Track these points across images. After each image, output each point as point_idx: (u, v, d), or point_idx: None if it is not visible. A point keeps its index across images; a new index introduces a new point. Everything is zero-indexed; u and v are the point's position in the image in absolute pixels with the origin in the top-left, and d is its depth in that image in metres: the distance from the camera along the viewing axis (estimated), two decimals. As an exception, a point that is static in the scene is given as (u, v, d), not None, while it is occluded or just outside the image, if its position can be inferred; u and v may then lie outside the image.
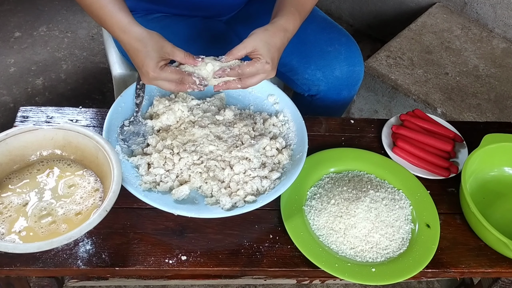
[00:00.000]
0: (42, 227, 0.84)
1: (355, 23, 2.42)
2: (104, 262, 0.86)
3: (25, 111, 1.06)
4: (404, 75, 1.77)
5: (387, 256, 0.92)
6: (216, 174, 0.94)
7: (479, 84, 1.77)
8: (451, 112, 1.66)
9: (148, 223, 0.92)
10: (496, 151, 1.05)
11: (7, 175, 0.90)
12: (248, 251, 0.91)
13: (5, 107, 1.91)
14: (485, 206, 1.02)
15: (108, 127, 0.96)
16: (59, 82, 2.03)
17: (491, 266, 0.94)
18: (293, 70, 1.24)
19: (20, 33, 2.20)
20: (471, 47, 1.91)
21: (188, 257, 0.89)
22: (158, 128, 1.01)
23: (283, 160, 0.98)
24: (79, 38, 2.22)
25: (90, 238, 0.89)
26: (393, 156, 1.08)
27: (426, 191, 1.02)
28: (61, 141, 0.92)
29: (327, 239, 0.93)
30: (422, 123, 1.13)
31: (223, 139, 0.98)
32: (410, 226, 0.97)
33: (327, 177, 1.03)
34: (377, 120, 1.17)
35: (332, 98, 1.26)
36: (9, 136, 0.89)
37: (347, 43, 1.24)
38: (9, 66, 2.06)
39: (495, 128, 1.19)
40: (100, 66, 2.11)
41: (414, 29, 1.95)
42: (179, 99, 1.05)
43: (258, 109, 1.09)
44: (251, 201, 0.90)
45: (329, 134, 1.13)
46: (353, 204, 0.94)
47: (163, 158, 0.95)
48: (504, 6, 1.92)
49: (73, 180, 0.91)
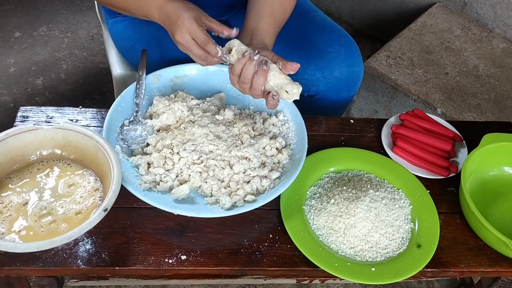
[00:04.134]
0: (42, 227, 0.84)
1: (355, 23, 2.43)
2: (104, 262, 0.86)
3: (25, 111, 1.06)
4: (404, 75, 1.77)
5: (386, 256, 0.92)
6: (215, 173, 0.94)
7: (479, 84, 1.77)
8: (451, 112, 1.66)
9: (148, 223, 0.92)
10: (495, 151, 1.05)
11: (7, 174, 0.90)
12: (248, 250, 0.91)
13: (5, 107, 1.91)
14: (484, 206, 1.02)
15: (108, 127, 0.96)
16: (59, 82, 2.03)
17: (491, 266, 0.94)
18: (292, 70, 1.24)
19: (20, 33, 2.20)
20: (471, 47, 1.91)
21: (188, 257, 0.89)
22: (158, 127, 1.01)
23: (283, 159, 0.98)
24: (79, 38, 2.22)
25: (90, 237, 0.89)
26: (392, 155, 1.08)
27: (426, 191, 1.02)
28: (61, 140, 0.92)
29: (326, 238, 0.93)
30: (422, 123, 1.13)
31: (223, 138, 0.98)
32: (409, 225, 0.97)
33: (326, 177, 1.03)
34: (376, 120, 1.17)
35: (332, 98, 1.26)
36: (9, 136, 0.89)
37: (347, 43, 1.24)
38: (9, 66, 2.06)
39: (495, 128, 1.19)
40: (100, 66, 2.11)
41: (414, 29, 1.95)
42: (179, 99, 1.05)
43: (258, 109, 1.10)
44: (250, 201, 0.91)
45: (329, 134, 1.13)
46: (353, 204, 0.94)
47: (163, 157, 0.95)
48: (504, 6, 1.92)
49: (73, 179, 0.91)
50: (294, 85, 0.89)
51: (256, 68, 0.89)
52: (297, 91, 0.89)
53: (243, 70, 0.90)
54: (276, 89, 0.90)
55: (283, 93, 0.90)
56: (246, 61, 0.89)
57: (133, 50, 1.23)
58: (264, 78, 0.89)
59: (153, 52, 1.15)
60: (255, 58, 0.88)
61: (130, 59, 1.27)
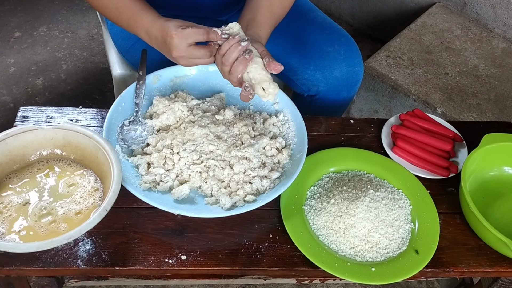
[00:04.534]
0: (42, 227, 0.84)
1: (355, 23, 2.43)
2: (104, 262, 0.86)
3: (25, 111, 1.06)
4: (404, 75, 1.77)
5: (386, 256, 0.92)
6: (216, 173, 0.94)
7: (479, 84, 1.77)
8: (451, 112, 1.66)
9: (148, 223, 0.92)
10: (495, 151, 1.05)
11: (7, 174, 0.90)
12: (248, 250, 0.91)
13: (5, 107, 1.91)
14: (484, 206, 1.02)
15: (108, 127, 0.96)
16: (59, 82, 2.03)
17: (491, 266, 0.94)
18: (292, 70, 1.24)
19: (20, 33, 2.20)
20: (471, 47, 1.91)
21: (188, 257, 0.89)
22: (158, 127, 1.01)
23: (283, 159, 0.98)
24: (79, 38, 2.22)
25: (90, 237, 0.89)
26: (393, 155, 1.08)
27: (426, 191, 1.02)
28: (61, 140, 0.92)
29: (327, 238, 0.93)
30: (422, 123, 1.13)
31: (223, 138, 0.98)
32: (409, 225, 0.97)
33: (326, 177, 1.03)
34: (377, 120, 1.17)
35: (332, 98, 1.26)
36: (9, 136, 0.89)
37: (347, 43, 1.24)
38: (9, 66, 2.06)
39: (495, 128, 1.19)
40: (100, 66, 2.11)
41: (414, 29, 1.95)
42: (179, 99, 1.05)
43: (258, 109, 1.10)
44: (251, 201, 0.91)
45: (329, 134, 1.13)
46: (353, 204, 0.94)
47: (163, 157, 0.95)
48: (504, 6, 1.92)
49: (73, 179, 0.91)
50: (271, 84, 0.89)
51: (240, 54, 0.89)
52: (272, 91, 0.89)
53: (227, 51, 0.90)
54: (253, 83, 0.90)
55: (259, 89, 0.89)
56: (233, 43, 0.89)
57: (133, 50, 1.23)
58: (243, 66, 0.89)
59: (153, 52, 1.15)
60: (242, 44, 0.88)
61: (130, 59, 1.27)
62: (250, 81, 0.90)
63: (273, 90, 0.89)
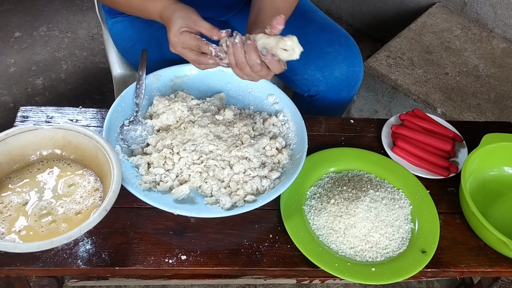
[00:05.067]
0: (42, 226, 0.84)
1: (355, 23, 2.43)
2: (104, 262, 0.86)
3: (25, 111, 1.06)
4: (404, 75, 1.77)
5: (386, 256, 0.92)
6: (216, 173, 0.94)
7: (479, 84, 1.77)
8: (451, 112, 1.66)
9: (148, 223, 0.92)
10: (495, 151, 1.05)
11: (7, 174, 0.90)
12: (248, 250, 0.91)
13: (5, 107, 1.91)
14: (485, 206, 1.02)
15: (108, 127, 0.96)
16: (59, 82, 2.03)
17: (491, 266, 0.94)
18: (292, 70, 1.24)
19: (20, 33, 2.20)
20: (471, 47, 1.91)
21: (188, 257, 0.89)
22: (158, 127, 1.01)
23: (283, 159, 0.98)
24: (79, 38, 2.22)
25: (90, 237, 0.89)
26: (392, 155, 1.08)
27: (426, 191, 1.02)
28: (61, 140, 0.92)
29: (326, 238, 0.93)
30: (422, 122, 1.13)
31: (223, 138, 0.98)
32: (409, 225, 0.97)
33: (326, 177, 1.03)
34: (376, 120, 1.17)
35: (332, 98, 1.26)
36: (9, 136, 0.89)
37: (347, 43, 1.24)
38: (9, 66, 2.06)
39: (495, 128, 1.19)
40: (100, 66, 2.11)
41: (414, 29, 1.95)
42: (179, 99, 1.05)
43: (258, 109, 1.10)
44: (251, 201, 0.91)
45: (329, 134, 1.13)
46: (353, 204, 0.94)
47: (163, 157, 0.95)
48: (504, 6, 1.92)
49: (73, 179, 0.91)
50: (286, 38, 0.84)
51: (243, 48, 0.88)
52: (291, 43, 0.83)
53: (235, 58, 0.89)
54: (273, 52, 0.85)
55: (282, 53, 0.85)
56: (232, 49, 0.89)
57: (133, 50, 1.23)
58: (254, 52, 0.87)
59: (153, 52, 1.15)
60: (236, 41, 0.88)
61: (130, 59, 1.27)
62: (271, 51, 0.86)
63: (291, 42, 0.83)
